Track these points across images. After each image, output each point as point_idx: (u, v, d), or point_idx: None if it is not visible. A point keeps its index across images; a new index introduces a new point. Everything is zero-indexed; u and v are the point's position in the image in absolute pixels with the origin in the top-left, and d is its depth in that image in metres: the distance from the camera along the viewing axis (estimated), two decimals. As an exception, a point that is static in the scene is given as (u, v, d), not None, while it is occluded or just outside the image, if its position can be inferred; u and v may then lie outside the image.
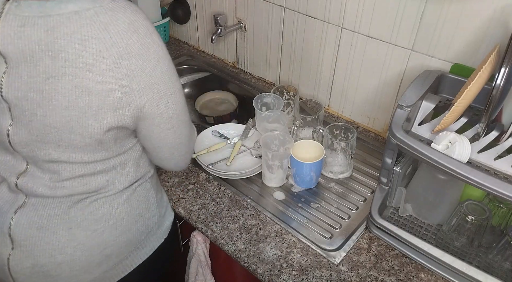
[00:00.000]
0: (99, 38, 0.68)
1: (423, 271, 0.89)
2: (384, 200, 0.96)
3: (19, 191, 0.82)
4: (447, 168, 0.74)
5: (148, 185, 0.93)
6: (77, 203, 0.83)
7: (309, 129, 1.16)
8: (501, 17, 0.87)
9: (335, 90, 1.28)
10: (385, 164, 0.90)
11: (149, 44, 0.73)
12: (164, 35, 1.67)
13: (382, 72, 1.13)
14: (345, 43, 1.17)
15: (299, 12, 1.22)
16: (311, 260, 0.91)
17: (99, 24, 0.68)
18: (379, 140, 1.23)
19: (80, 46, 0.67)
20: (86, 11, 0.68)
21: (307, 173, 1.04)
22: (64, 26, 0.67)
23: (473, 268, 0.81)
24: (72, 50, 0.68)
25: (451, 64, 0.98)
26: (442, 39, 0.98)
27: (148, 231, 0.94)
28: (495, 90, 0.70)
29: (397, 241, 0.91)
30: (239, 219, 1.00)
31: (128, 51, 0.70)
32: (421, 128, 0.84)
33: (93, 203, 0.84)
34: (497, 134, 0.77)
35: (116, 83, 0.71)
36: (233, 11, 1.42)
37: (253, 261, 0.91)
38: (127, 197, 0.88)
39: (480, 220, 0.83)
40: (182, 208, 1.03)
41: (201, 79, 1.54)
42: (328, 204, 1.04)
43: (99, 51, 0.68)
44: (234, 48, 1.52)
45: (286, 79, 1.40)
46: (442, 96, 0.92)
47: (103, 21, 0.68)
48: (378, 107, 1.21)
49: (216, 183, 1.10)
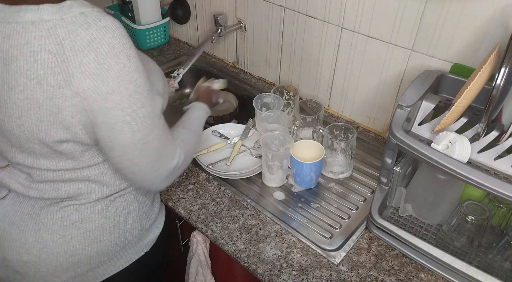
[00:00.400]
0: (52, 52, 0.65)
1: (423, 271, 0.89)
2: (384, 200, 0.96)
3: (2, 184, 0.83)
4: (447, 168, 0.74)
5: (131, 197, 0.89)
6: (49, 205, 0.82)
7: (309, 129, 1.16)
8: (501, 17, 0.87)
9: (335, 90, 1.28)
10: (385, 164, 0.90)
11: (110, 65, 0.67)
12: (164, 35, 1.67)
13: (382, 72, 1.13)
14: (345, 43, 1.17)
15: (299, 12, 1.22)
16: (311, 260, 0.91)
17: (54, 38, 0.65)
18: (379, 140, 1.23)
19: (31, 58, 0.65)
20: (44, 23, 0.65)
21: (307, 173, 1.04)
22: (19, 35, 0.65)
23: (473, 268, 0.81)
24: (24, 61, 0.66)
25: (451, 64, 0.98)
26: (442, 39, 0.98)
27: (124, 244, 0.90)
28: (495, 90, 0.70)
29: (397, 241, 0.91)
30: (239, 219, 1.00)
31: (81, 69, 0.66)
32: (421, 128, 0.84)
33: (65, 209, 0.82)
34: (497, 134, 0.77)
35: (66, 101, 0.67)
36: (233, 11, 1.42)
37: (253, 261, 0.91)
38: (102, 207, 0.85)
39: (480, 220, 0.83)
40: (182, 208, 1.03)
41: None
42: (328, 204, 1.04)
43: (51, 65, 0.65)
44: (234, 48, 1.52)
45: (286, 79, 1.40)
46: (442, 96, 0.92)
47: (60, 35, 0.65)
48: (378, 107, 1.21)
49: (216, 183, 1.10)
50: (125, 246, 0.91)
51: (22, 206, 0.83)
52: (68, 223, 0.83)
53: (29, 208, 0.82)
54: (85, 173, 0.80)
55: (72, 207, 0.83)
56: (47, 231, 0.82)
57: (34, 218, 0.82)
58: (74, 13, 0.66)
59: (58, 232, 0.82)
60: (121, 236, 0.88)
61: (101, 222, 0.85)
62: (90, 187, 0.82)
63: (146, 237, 0.95)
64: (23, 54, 0.65)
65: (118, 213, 0.87)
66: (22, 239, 0.82)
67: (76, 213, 0.83)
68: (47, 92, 0.67)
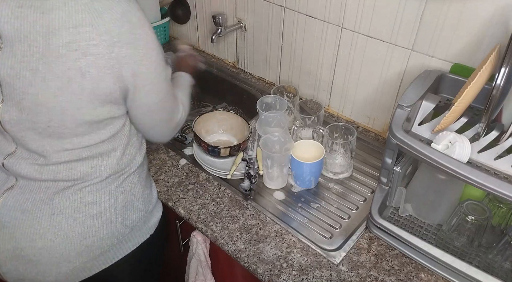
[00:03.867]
0: (93, 24, 0.70)
1: (423, 271, 0.89)
2: (384, 200, 0.96)
3: (9, 173, 0.84)
4: (447, 168, 0.74)
5: (135, 179, 0.93)
6: (62, 190, 0.84)
7: (309, 129, 1.16)
8: (501, 17, 0.87)
9: (335, 90, 1.28)
10: (385, 164, 0.90)
11: (140, 35, 0.76)
12: (164, 35, 1.67)
13: (382, 72, 1.13)
14: (345, 43, 1.17)
15: (299, 12, 1.22)
16: (311, 260, 0.91)
17: (93, 11, 0.71)
18: (379, 140, 1.23)
19: (74, 30, 0.70)
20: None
21: (307, 173, 1.04)
22: (59, 10, 0.70)
23: (473, 268, 0.81)
24: (67, 34, 0.70)
25: (451, 64, 0.98)
26: (442, 39, 0.98)
27: (133, 226, 0.94)
28: (495, 90, 0.70)
29: (397, 241, 0.91)
30: (239, 219, 1.00)
31: (120, 39, 0.73)
32: (421, 128, 0.84)
33: (78, 192, 0.85)
34: (497, 134, 0.77)
35: (109, 68, 0.74)
36: (233, 11, 1.42)
37: (253, 261, 0.91)
38: (113, 188, 0.89)
39: (480, 220, 0.83)
40: (182, 208, 1.03)
41: (200, 79, 1.53)
42: (328, 204, 1.04)
43: (93, 36, 0.71)
44: (234, 48, 1.52)
45: (286, 79, 1.40)
46: (442, 96, 0.92)
47: (98, 9, 0.71)
48: (378, 107, 1.21)
49: (216, 183, 1.10)
50: (133, 228, 0.94)
51: (33, 193, 0.84)
52: (82, 205, 0.85)
53: (41, 194, 0.83)
54: (100, 149, 0.84)
55: (85, 189, 0.85)
56: (61, 214, 0.84)
57: (48, 203, 0.83)
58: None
59: (72, 215, 0.85)
60: (129, 218, 0.92)
61: (111, 203, 0.89)
62: (102, 164, 0.85)
63: (150, 220, 0.99)
64: (66, 27, 0.70)
65: (126, 195, 0.92)
66: (37, 224, 0.83)
67: (89, 195, 0.86)
68: (91, 61, 0.72)
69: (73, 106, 0.75)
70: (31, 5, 0.70)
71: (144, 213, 0.96)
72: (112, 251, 0.91)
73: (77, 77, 0.72)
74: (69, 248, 0.85)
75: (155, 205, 1.01)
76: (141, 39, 0.76)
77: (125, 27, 0.73)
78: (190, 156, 1.18)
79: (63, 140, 0.79)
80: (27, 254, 0.84)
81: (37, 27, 0.70)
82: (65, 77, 0.72)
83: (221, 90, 1.54)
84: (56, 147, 0.80)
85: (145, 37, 0.77)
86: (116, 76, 0.75)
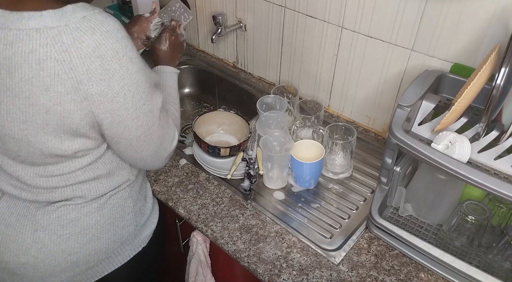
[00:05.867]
0: (58, 60, 0.64)
1: (423, 271, 0.89)
2: (384, 200, 0.96)
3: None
4: (447, 168, 0.74)
5: (125, 194, 0.90)
6: (45, 206, 0.82)
7: (309, 129, 1.16)
8: (501, 17, 0.87)
9: (335, 90, 1.28)
10: (385, 164, 0.90)
11: (115, 70, 0.68)
12: (164, 35, 1.66)
13: (382, 72, 1.13)
14: (345, 43, 1.17)
15: (299, 12, 1.22)
16: (311, 260, 0.91)
17: (60, 45, 0.64)
18: (379, 140, 1.23)
19: (37, 66, 0.65)
20: (49, 30, 0.64)
21: (307, 173, 1.04)
22: (22, 43, 0.64)
23: (473, 268, 0.81)
24: (29, 69, 0.65)
25: (451, 64, 0.98)
26: (442, 39, 0.98)
27: (122, 241, 0.91)
28: (495, 90, 0.70)
29: (397, 241, 0.91)
30: (239, 219, 1.00)
31: (89, 76, 0.66)
32: (421, 128, 0.84)
33: (61, 208, 0.83)
34: (497, 134, 0.77)
35: (75, 105, 0.68)
36: (233, 11, 1.42)
37: (253, 261, 0.91)
38: (98, 205, 0.85)
39: (480, 220, 0.83)
40: (182, 208, 1.03)
41: (201, 79, 1.54)
42: (328, 204, 1.04)
43: (57, 73, 0.65)
44: (234, 48, 1.52)
45: (286, 79, 1.40)
46: (442, 96, 0.92)
47: (65, 43, 0.64)
48: (378, 107, 1.21)
49: (216, 183, 1.10)
50: (123, 243, 0.91)
51: (17, 208, 0.83)
52: (65, 223, 0.83)
53: (24, 210, 0.82)
54: (80, 177, 0.80)
55: (68, 207, 0.83)
56: (44, 231, 0.82)
57: (30, 219, 0.82)
58: (77, 18, 0.66)
59: (55, 232, 0.83)
60: (117, 233, 0.89)
61: (97, 220, 0.86)
62: (85, 188, 0.82)
63: (142, 233, 0.96)
64: (28, 62, 0.65)
65: (114, 211, 0.88)
66: (20, 240, 0.82)
67: (72, 212, 0.83)
68: (55, 98, 0.67)
69: (39, 140, 0.71)
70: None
71: (135, 227, 0.93)
72: (100, 265, 0.90)
73: (41, 112, 0.68)
74: (53, 264, 0.83)
75: (149, 216, 0.98)
76: (115, 74, 0.68)
77: (96, 63, 0.66)
78: (190, 156, 1.18)
79: (37, 167, 0.77)
80: (11, 268, 0.83)
81: (0, 60, 0.66)
82: (29, 111, 0.68)
83: (221, 90, 1.54)
84: (31, 174, 0.78)
85: (121, 71, 0.69)
86: (85, 112, 0.69)
